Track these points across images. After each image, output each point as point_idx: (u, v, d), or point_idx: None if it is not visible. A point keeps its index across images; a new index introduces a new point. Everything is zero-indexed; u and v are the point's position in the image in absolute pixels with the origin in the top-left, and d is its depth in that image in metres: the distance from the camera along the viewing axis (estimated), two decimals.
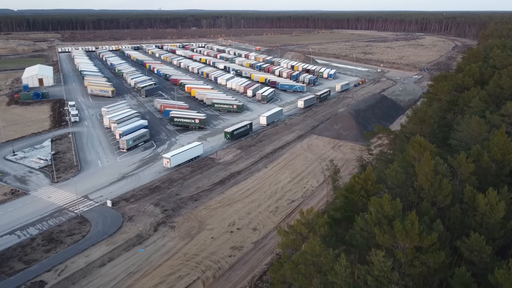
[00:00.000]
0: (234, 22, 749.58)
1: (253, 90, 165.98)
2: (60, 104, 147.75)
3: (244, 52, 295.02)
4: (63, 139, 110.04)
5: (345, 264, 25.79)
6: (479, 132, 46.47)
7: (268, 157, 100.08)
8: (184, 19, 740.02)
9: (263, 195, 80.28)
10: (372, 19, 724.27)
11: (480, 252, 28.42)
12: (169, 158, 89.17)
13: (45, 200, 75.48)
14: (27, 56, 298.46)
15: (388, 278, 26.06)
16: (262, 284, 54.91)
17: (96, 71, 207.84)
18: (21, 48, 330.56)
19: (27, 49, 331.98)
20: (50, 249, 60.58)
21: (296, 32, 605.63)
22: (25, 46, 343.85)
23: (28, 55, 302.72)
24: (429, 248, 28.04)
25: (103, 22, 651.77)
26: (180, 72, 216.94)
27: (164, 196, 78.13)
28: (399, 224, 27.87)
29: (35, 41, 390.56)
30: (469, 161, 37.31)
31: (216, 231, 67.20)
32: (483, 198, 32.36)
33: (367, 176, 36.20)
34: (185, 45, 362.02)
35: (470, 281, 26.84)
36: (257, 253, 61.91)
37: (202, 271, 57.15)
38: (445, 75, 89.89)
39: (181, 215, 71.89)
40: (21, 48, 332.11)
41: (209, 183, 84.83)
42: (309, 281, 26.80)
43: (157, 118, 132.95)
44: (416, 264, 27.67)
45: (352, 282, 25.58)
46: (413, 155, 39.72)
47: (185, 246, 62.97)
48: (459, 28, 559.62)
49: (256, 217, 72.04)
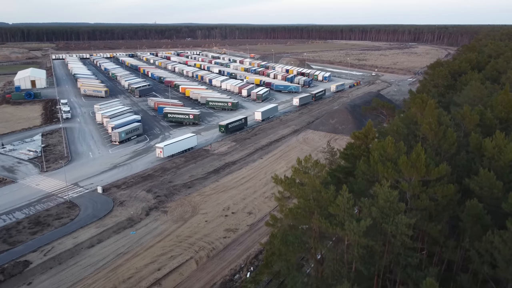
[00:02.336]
0: (229, 33, 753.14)
1: (247, 90, 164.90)
2: (52, 103, 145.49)
3: (239, 58, 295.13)
4: (54, 134, 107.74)
5: (348, 196, 23.93)
6: (480, 96, 45.17)
7: (264, 149, 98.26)
8: (179, 30, 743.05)
9: (258, 183, 78.23)
10: (365, 30, 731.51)
11: (490, 188, 26.67)
12: (162, 147, 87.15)
13: (33, 188, 72.98)
14: (21, 63, 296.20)
15: (395, 209, 24.20)
16: (258, 262, 52.65)
17: (90, 74, 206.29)
18: (14, 56, 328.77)
19: (21, 56, 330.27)
20: (37, 232, 58.03)
21: (290, 42, 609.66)
22: (18, 54, 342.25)
23: (21, 62, 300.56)
24: (436, 181, 26.29)
25: (98, 33, 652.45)
26: (175, 75, 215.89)
27: (156, 183, 75.91)
28: (404, 157, 26.14)
29: (29, 50, 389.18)
30: (473, 113, 35.83)
31: (210, 215, 64.99)
32: (490, 141, 30.77)
33: (367, 131, 34.56)
34: (180, 53, 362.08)
35: (482, 212, 25.06)
36: (253, 234, 59.69)
37: (196, 251, 54.83)
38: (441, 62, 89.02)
39: (174, 200, 69.64)
40: (14, 55, 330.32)
41: (203, 171, 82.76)
42: (309, 216, 24.81)
43: (150, 115, 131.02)
44: (423, 197, 25.85)
45: (354, 214, 23.68)
46: (416, 112, 38.12)
47: (178, 228, 60.67)
48: (452, 38, 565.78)
49: (251, 202, 69.93)
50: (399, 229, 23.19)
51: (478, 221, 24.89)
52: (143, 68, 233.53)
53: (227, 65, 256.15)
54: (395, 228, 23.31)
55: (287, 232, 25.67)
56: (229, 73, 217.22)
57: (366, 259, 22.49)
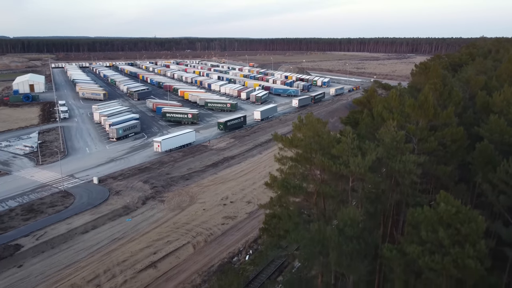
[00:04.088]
0: (228, 45, 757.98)
1: (246, 93, 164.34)
2: (50, 105, 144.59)
3: (238, 66, 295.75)
4: (51, 132, 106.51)
5: (352, 136, 22.60)
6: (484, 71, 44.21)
7: (263, 145, 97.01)
8: (178, 42, 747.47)
9: (257, 175, 76.75)
10: (363, 42, 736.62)
11: (501, 133, 25.40)
12: (160, 141, 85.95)
13: (27, 179, 71.49)
14: (20, 71, 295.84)
15: (402, 149, 22.88)
16: (258, 246, 51.02)
17: (89, 80, 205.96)
18: (14, 65, 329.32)
19: (20, 65, 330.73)
20: (29, 218, 56.43)
21: (289, 53, 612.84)
22: (18, 63, 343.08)
23: (20, 71, 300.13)
24: (444, 126, 25.03)
25: (98, 44, 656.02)
26: (174, 81, 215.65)
27: (154, 175, 74.46)
28: (412, 100, 24.96)
29: (29, 60, 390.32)
30: (478, 77, 34.82)
31: (208, 204, 63.46)
32: (498, 95, 29.64)
33: (369, 95, 33.45)
34: (179, 62, 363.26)
35: (493, 152, 23.76)
36: (252, 221, 58.10)
37: (193, 236, 53.20)
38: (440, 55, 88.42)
39: (171, 191, 68.13)
40: (14, 64, 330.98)
41: (201, 165, 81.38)
42: (310, 159, 23.40)
43: (149, 116, 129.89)
44: (431, 140, 24.53)
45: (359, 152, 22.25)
46: (419, 79, 37.03)
47: (175, 216, 59.09)
48: (449, 49, 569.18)
49: (250, 192, 68.44)
50: (407, 167, 21.91)
51: (489, 161, 23.60)
52: (142, 75, 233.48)
53: (226, 72, 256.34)
54: (402, 166, 22.02)
55: (287, 177, 24.34)
56: (228, 79, 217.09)
57: (373, 198, 21.17)
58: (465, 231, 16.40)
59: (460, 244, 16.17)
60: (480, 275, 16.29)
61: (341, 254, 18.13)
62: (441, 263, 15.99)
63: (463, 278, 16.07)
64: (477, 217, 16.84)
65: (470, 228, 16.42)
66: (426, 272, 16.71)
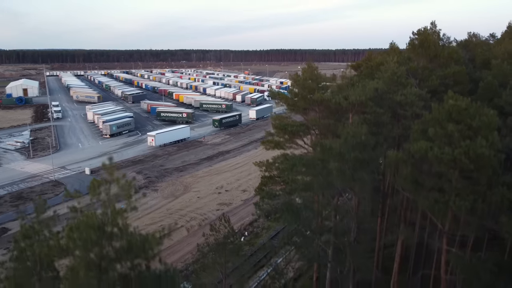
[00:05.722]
0: (224, 56, 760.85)
1: (242, 95, 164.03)
2: (44, 107, 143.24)
3: (234, 74, 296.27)
4: (43, 130, 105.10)
5: (351, 75, 21.70)
6: None
7: (258, 142, 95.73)
8: (174, 53, 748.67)
9: (253, 167, 73.79)
10: (358, 53, 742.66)
11: (505, 76, 24.53)
12: (154, 135, 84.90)
13: (18, 170, 69.99)
14: (14, 79, 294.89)
15: (403, 83, 21.94)
16: (253, 229, 49.76)
17: (83, 85, 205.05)
18: (8, 73, 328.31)
19: (15, 74, 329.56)
20: (18, 205, 54.76)
21: (284, 63, 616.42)
22: (12, 71, 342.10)
23: (15, 79, 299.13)
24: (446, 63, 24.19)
25: (93, 55, 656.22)
26: (169, 86, 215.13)
27: (147, 167, 73.20)
28: (412, 42, 24.13)
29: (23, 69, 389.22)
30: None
31: (203, 192, 62.20)
32: (499, 47, 28.90)
33: (367, 58, 32.67)
34: (174, 70, 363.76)
35: (497, 88, 22.86)
36: (247, 207, 56.75)
37: (187, 221, 51.87)
38: None
39: (165, 181, 66.83)
40: (8, 73, 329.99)
41: (196, 158, 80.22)
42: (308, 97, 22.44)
43: (143, 116, 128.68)
44: (433, 78, 23.60)
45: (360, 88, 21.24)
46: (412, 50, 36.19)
47: (169, 203, 57.82)
48: None
49: (246, 182, 67.25)
50: (408, 99, 20.99)
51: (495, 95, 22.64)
52: (137, 81, 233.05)
53: (222, 79, 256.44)
54: (404, 98, 21.11)
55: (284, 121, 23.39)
56: (223, 84, 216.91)
57: (373, 130, 20.18)
58: (477, 125, 15.47)
59: (471, 138, 15.22)
60: (493, 166, 15.34)
61: (344, 163, 17.10)
62: (452, 154, 14.98)
63: (476, 171, 15.09)
64: (488, 111, 15.94)
65: (481, 121, 15.50)
66: (436, 166, 15.73)
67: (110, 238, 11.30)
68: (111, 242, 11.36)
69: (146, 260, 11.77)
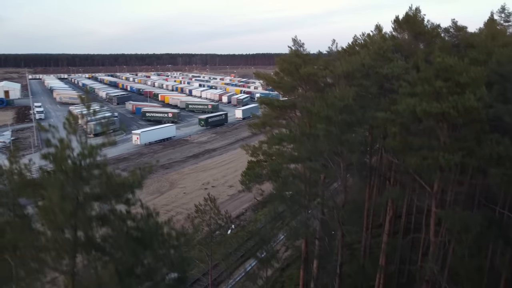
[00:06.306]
0: (210, 60, 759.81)
1: (228, 96, 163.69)
2: (26, 108, 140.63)
3: (220, 76, 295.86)
4: (25, 130, 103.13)
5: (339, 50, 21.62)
6: None
7: (245, 140, 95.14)
8: (159, 57, 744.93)
9: (240, 164, 74.80)
10: None
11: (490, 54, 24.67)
12: (139, 134, 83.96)
13: None
14: None
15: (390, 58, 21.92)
16: (240, 222, 49.35)
17: (67, 87, 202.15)
18: None
19: None
20: None
21: (271, 67, 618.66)
22: None
23: None
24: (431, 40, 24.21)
25: (77, 59, 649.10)
26: (154, 88, 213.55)
27: (132, 164, 72.10)
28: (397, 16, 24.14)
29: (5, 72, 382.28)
30: None
31: (189, 188, 61.65)
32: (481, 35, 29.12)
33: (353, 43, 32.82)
34: (160, 74, 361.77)
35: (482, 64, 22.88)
36: (234, 202, 56.67)
37: (172, 215, 50.96)
38: None
39: (150, 178, 65.71)
40: None
41: (182, 156, 79.53)
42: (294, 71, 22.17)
43: (128, 117, 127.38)
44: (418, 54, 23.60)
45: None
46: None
47: (154, 199, 56.98)
48: None
49: (233, 178, 66.73)
50: (395, 72, 20.92)
51: None
52: (122, 83, 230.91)
53: (208, 81, 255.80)
54: (390, 71, 21.06)
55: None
56: (209, 86, 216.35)
57: (359, 101, 20.03)
58: (464, 80, 15.41)
59: (459, 94, 15.14)
60: (481, 120, 15.28)
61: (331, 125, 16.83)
62: (441, 107, 14.85)
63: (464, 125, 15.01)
64: (475, 68, 15.91)
65: (469, 77, 15.45)
66: (424, 121, 15.62)
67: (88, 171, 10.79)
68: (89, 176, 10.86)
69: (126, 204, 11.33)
